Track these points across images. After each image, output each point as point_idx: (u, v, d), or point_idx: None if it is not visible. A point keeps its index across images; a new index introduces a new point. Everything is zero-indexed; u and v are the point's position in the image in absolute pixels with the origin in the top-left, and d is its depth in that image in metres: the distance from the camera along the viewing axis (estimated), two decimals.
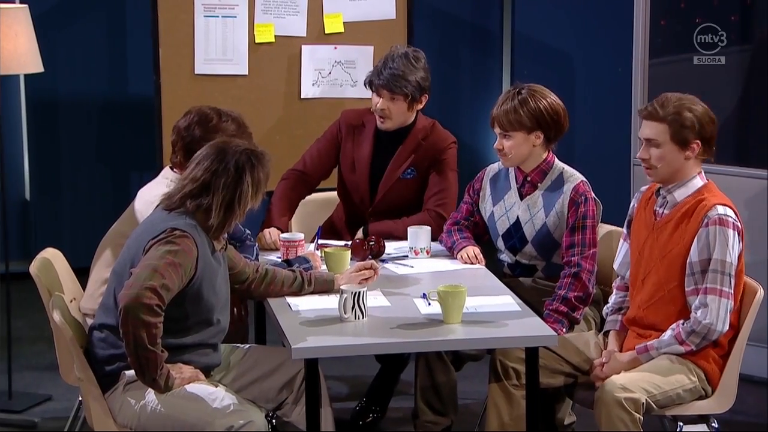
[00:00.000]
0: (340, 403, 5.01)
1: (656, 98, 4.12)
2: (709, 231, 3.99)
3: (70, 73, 6.92)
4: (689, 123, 4.03)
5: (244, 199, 3.82)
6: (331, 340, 3.83)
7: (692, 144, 4.05)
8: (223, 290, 3.92)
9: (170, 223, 3.79)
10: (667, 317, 4.07)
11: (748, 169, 5.40)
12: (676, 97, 4.09)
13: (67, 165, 7.05)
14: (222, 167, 3.81)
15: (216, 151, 3.85)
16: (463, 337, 3.88)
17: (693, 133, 4.04)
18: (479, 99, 7.40)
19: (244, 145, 3.89)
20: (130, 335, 3.65)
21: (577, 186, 4.45)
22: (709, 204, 4.02)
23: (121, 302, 3.66)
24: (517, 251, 4.55)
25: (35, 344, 5.93)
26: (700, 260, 3.99)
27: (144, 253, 3.75)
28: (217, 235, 3.86)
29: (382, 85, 4.88)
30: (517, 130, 4.42)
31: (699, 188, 4.08)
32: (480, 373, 5.06)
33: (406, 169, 4.97)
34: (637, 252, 4.17)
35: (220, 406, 3.75)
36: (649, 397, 3.93)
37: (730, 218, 4.00)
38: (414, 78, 4.89)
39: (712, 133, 4.07)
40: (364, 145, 4.99)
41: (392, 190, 4.98)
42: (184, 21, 5.65)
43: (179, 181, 3.88)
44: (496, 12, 7.35)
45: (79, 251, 5.13)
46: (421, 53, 4.99)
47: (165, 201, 3.88)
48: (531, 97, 4.41)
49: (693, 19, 5.55)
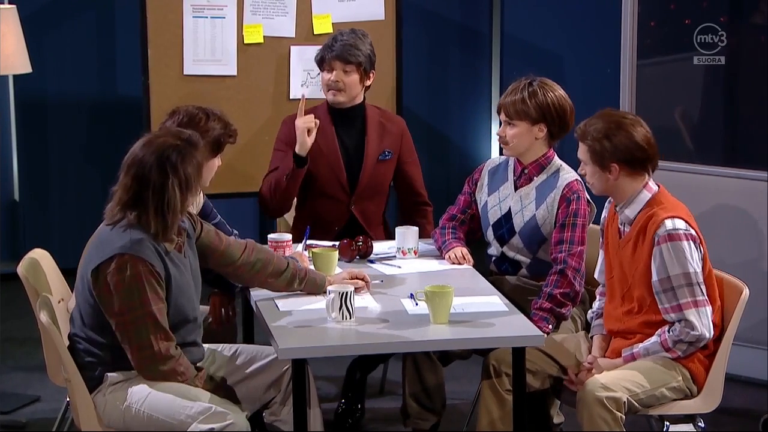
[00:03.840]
0: (329, 404, 5.01)
1: (591, 117, 4.14)
2: (662, 249, 4.00)
3: (58, 73, 6.91)
4: (605, 147, 4.05)
5: (173, 204, 3.76)
6: (318, 341, 3.83)
7: (611, 167, 4.07)
8: (191, 287, 3.90)
9: (117, 243, 3.75)
10: (649, 326, 4.09)
11: (747, 171, 5.39)
12: (605, 118, 4.10)
13: (56, 165, 7.04)
14: (146, 173, 3.76)
15: (140, 154, 3.79)
16: (450, 337, 3.89)
17: (609, 157, 4.05)
18: (468, 100, 7.41)
19: (166, 141, 3.81)
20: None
21: (571, 183, 4.47)
22: (657, 220, 4.02)
23: (141, 373, 3.78)
24: (505, 242, 4.56)
25: (23, 345, 5.92)
26: (660, 279, 4.01)
27: (93, 277, 3.75)
28: (165, 238, 3.82)
29: (335, 56, 4.93)
30: (521, 119, 4.46)
31: (648, 201, 4.09)
32: (468, 373, 5.08)
33: (383, 151, 4.99)
34: (612, 266, 4.20)
35: (202, 408, 3.75)
36: (633, 396, 3.94)
37: (681, 230, 4.00)
38: (365, 49, 4.97)
39: (636, 156, 4.05)
40: (326, 134, 4.99)
41: (374, 174, 5.00)
42: (173, 21, 5.64)
43: (116, 187, 3.83)
44: (485, 13, 7.36)
45: (67, 252, 5.13)
46: (366, 32, 5.06)
47: (108, 215, 3.84)
48: (541, 90, 4.46)
49: (683, 20, 5.56)
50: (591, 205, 4.49)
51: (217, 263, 4.08)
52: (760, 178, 5.33)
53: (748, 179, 5.38)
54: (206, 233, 4.04)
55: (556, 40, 7.09)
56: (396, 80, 5.80)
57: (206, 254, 4.03)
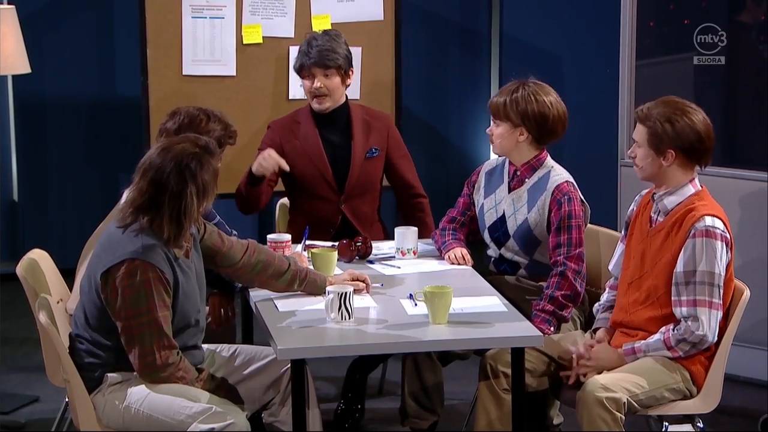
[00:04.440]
0: (328, 404, 5.01)
1: (657, 100, 4.11)
2: (696, 243, 3.98)
3: (57, 73, 6.91)
4: (666, 131, 4.01)
5: (190, 211, 3.77)
6: (317, 341, 3.83)
7: (667, 152, 4.04)
8: (196, 292, 3.91)
9: (128, 248, 3.74)
10: (654, 322, 4.08)
11: (749, 171, 5.38)
12: (670, 104, 4.07)
13: (55, 166, 7.04)
14: (164, 179, 3.75)
15: (158, 160, 3.77)
16: (450, 338, 3.89)
17: (668, 141, 4.02)
18: (467, 100, 7.41)
19: (185, 149, 3.80)
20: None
21: (561, 185, 4.46)
22: (698, 214, 4.01)
23: (142, 377, 3.78)
24: (502, 245, 4.57)
25: (22, 345, 5.92)
26: (685, 271, 3.99)
27: (103, 280, 3.74)
28: (176, 244, 3.82)
29: (314, 63, 4.93)
30: (503, 120, 4.48)
31: (690, 196, 4.06)
32: (467, 374, 5.07)
33: (370, 148, 4.99)
34: (631, 256, 4.17)
35: (202, 408, 3.75)
36: (632, 396, 3.94)
37: (718, 229, 3.99)
38: (341, 50, 4.97)
39: (695, 146, 4.02)
40: (310, 136, 4.99)
41: (363, 172, 5.00)
42: (172, 22, 5.64)
43: (130, 190, 3.82)
44: (484, 13, 7.36)
45: (67, 252, 5.13)
46: (339, 32, 5.06)
47: (119, 217, 3.82)
48: (525, 96, 4.46)
49: (682, 20, 5.56)
50: (585, 205, 4.49)
51: (217, 264, 4.08)
52: (759, 178, 5.33)
53: (745, 179, 5.37)
54: (209, 235, 4.04)
55: (555, 40, 7.09)
56: (395, 80, 5.81)
57: (209, 256, 4.04)
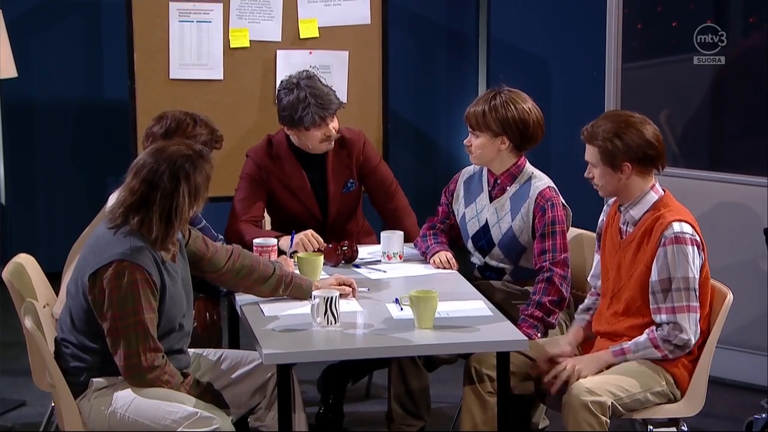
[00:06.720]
0: (314, 408, 5.01)
1: (597, 119, 4.13)
2: (667, 251, 4.01)
3: (44, 78, 6.91)
4: (616, 146, 4.04)
5: (181, 210, 3.77)
6: (303, 346, 3.84)
7: (623, 166, 4.06)
8: (183, 296, 3.91)
9: (117, 249, 3.74)
10: (636, 329, 4.09)
11: (746, 176, 5.37)
12: (612, 118, 4.10)
13: (42, 170, 7.04)
14: (157, 178, 3.75)
15: (152, 160, 3.78)
16: (435, 342, 3.89)
17: (621, 156, 4.05)
18: (455, 103, 7.41)
19: (180, 150, 3.81)
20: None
21: (543, 191, 4.47)
22: (665, 222, 4.03)
23: (127, 380, 3.77)
24: (486, 253, 4.57)
25: (9, 349, 5.91)
26: (660, 279, 4.02)
27: (90, 281, 3.74)
28: (163, 246, 3.82)
29: (336, 110, 4.87)
30: (483, 131, 4.47)
31: (654, 203, 4.09)
32: (454, 377, 5.08)
33: (345, 183, 4.99)
34: (608, 269, 4.20)
35: (187, 413, 3.75)
36: (617, 400, 3.96)
37: (687, 234, 4.02)
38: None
39: (647, 153, 4.05)
40: (296, 176, 4.95)
41: (343, 206, 5.00)
42: (159, 26, 5.64)
43: (120, 191, 3.82)
44: (471, 17, 7.37)
45: (54, 256, 5.13)
46: (311, 71, 5.00)
47: (109, 217, 3.82)
48: (503, 104, 4.44)
49: (670, 22, 5.57)
50: (567, 209, 4.51)
51: (202, 270, 4.08)
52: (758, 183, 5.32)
53: (735, 183, 5.38)
54: (194, 240, 4.04)
55: (542, 43, 7.11)
56: (382, 84, 5.81)
57: (193, 261, 4.03)
